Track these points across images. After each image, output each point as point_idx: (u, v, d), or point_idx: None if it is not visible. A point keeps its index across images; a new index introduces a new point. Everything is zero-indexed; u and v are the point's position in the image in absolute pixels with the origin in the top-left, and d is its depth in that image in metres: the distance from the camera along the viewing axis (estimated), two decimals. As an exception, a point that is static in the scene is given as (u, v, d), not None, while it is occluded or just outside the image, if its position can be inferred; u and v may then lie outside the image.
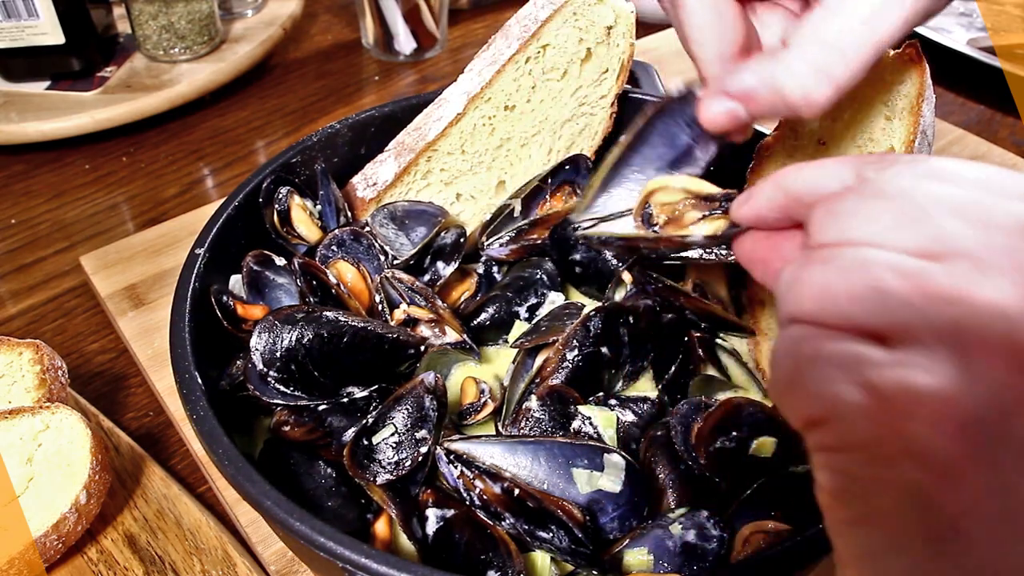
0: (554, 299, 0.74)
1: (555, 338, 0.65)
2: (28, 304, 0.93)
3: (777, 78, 0.50)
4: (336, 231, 0.73)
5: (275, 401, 0.60)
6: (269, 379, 0.59)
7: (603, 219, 0.63)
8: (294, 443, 0.61)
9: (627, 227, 0.61)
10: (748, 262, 0.50)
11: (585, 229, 0.63)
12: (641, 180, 0.63)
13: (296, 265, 0.68)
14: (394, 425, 0.58)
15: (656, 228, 0.57)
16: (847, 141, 0.70)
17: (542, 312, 0.73)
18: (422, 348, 0.66)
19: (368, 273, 0.71)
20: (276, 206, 0.75)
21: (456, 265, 0.74)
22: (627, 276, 0.69)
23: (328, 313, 0.62)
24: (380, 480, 0.56)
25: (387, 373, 0.64)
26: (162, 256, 0.93)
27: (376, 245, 0.73)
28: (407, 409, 0.59)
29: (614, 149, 0.64)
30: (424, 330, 0.68)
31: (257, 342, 0.59)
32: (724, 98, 0.54)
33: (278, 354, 0.59)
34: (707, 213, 0.54)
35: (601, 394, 0.64)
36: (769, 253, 0.47)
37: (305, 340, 0.60)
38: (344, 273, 0.71)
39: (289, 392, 0.60)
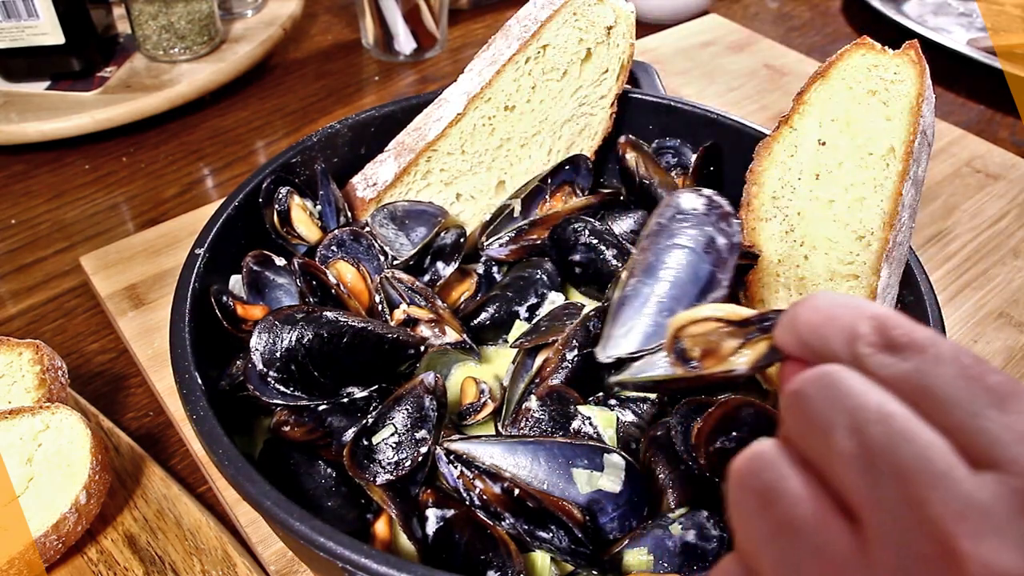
0: (554, 299, 0.74)
1: (555, 338, 0.65)
2: (28, 304, 0.93)
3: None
4: (336, 231, 0.73)
5: (275, 401, 0.60)
6: (269, 379, 0.59)
7: (631, 358, 0.60)
8: (294, 443, 0.61)
9: (661, 366, 0.58)
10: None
11: (616, 376, 0.60)
12: (662, 309, 0.60)
13: (296, 265, 0.68)
14: (394, 425, 0.58)
15: (694, 364, 0.52)
16: (847, 141, 0.70)
17: (542, 312, 0.73)
18: (422, 348, 0.66)
19: (368, 273, 0.71)
20: (276, 206, 0.75)
21: (456, 265, 0.74)
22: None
23: (328, 313, 0.62)
24: (380, 480, 0.56)
25: (387, 373, 0.64)
26: (162, 256, 0.93)
27: (376, 245, 0.73)
28: (407, 409, 0.59)
29: (622, 273, 0.64)
30: (424, 330, 0.68)
31: (257, 342, 0.59)
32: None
33: (278, 354, 0.59)
34: (745, 339, 0.49)
35: (601, 394, 0.64)
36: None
37: (305, 340, 0.60)
38: (344, 273, 0.71)
39: (289, 392, 0.60)
